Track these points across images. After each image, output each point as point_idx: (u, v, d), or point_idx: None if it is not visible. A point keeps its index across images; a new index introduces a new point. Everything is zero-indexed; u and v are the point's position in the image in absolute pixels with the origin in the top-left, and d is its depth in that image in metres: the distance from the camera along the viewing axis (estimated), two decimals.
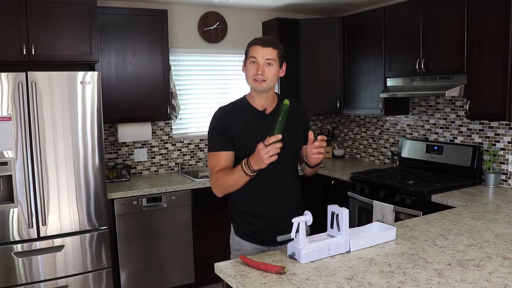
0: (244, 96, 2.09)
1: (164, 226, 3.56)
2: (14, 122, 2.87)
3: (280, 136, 1.76)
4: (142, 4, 3.87)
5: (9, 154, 2.88)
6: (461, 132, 3.51)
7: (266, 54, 1.93)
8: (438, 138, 3.71)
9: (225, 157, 1.98)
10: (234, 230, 2.13)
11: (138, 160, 4.06)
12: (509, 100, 2.81)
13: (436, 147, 3.59)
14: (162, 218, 3.55)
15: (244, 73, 2.02)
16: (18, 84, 2.86)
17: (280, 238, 1.75)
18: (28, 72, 2.89)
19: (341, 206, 1.81)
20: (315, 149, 1.84)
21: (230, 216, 2.16)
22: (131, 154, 4.04)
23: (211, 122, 2.05)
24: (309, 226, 1.91)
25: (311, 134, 1.86)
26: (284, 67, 2.02)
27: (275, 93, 2.10)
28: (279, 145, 1.76)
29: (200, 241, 3.69)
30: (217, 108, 2.07)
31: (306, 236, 1.77)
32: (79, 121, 3.06)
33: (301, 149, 2.12)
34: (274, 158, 1.77)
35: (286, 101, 1.81)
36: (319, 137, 1.85)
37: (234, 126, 1.98)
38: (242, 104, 2.05)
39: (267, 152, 1.75)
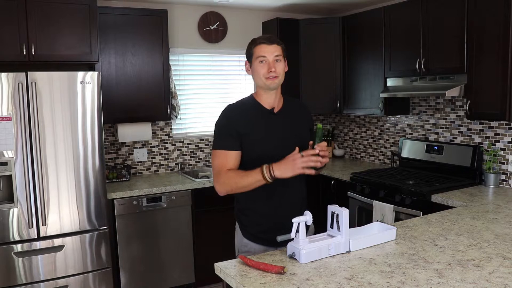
0: (252, 95, 2.08)
1: (164, 226, 3.56)
2: (14, 122, 2.87)
3: (317, 151, 1.80)
4: (142, 4, 3.87)
5: (9, 154, 2.88)
6: (461, 132, 3.51)
7: (274, 51, 1.95)
8: (438, 138, 3.71)
9: (234, 156, 1.96)
10: (241, 232, 2.11)
11: (138, 160, 4.06)
12: (509, 100, 2.81)
13: (436, 147, 3.59)
14: (162, 218, 3.55)
15: (250, 75, 2.03)
16: (18, 84, 2.86)
17: (280, 238, 1.75)
18: (28, 72, 2.89)
19: (341, 206, 1.82)
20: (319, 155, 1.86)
21: (236, 218, 2.14)
22: (131, 154, 4.04)
23: (219, 120, 2.02)
24: (309, 226, 1.91)
25: (311, 142, 1.87)
26: (286, 62, 2.04)
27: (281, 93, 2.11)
28: (316, 158, 1.79)
29: (200, 241, 3.69)
30: (226, 106, 2.05)
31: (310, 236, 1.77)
32: (79, 121, 3.06)
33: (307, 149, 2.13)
34: (309, 171, 1.79)
35: (320, 125, 1.91)
36: (317, 146, 1.85)
37: (243, 125, 1.96)
38: (250, 103, 2.04)
39: (304, 161, 1.76)
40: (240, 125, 1.96)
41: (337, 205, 1.82)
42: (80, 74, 3.05)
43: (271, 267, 1.64)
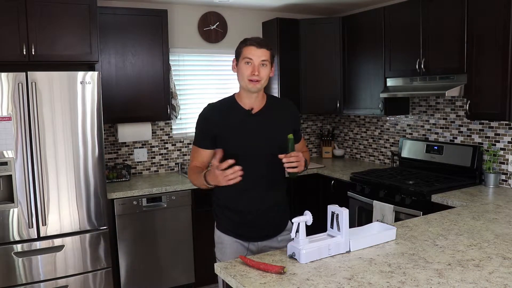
0: (233, 94, 2.12)
1: (164, 226, 3.56)
2: (14, 122, 2.87)
3: (230, 162, 1.83)
4: (142, 4, 3.87)
5: (9, 154, 2.88)
6: (461, 132, 3.51)
7: (261, 55, 1.98)
8: (438, 138, 3.71)
9: (202, 154, 2.09)
10: (216, 224, 2.18)
11: (138, 160, 4.06)
12: (509, 100, 2.81)
13: (436, 147, 3.59)
14: (162, 218, 3.55)
15: (235, 73, 2.07)
16: (18, 84, 2.86)
17: (280, 238, 1.76)
18: (28, 72, 2.89)
19: (341, 206, 1.82)
20: (287, 164, 1.90)
21: (213, 210, 2.20)
22: (131, 154, 4.04)
23: (199, 117, 2.11)
24: (309, 226, 1.92)
25: (281, 156, 1.91)
26: (273, 68, 2.07)
27: (265, 93, 2.13)
28: (238, 169, 1.82)
29: (200, 241, 3.69)
30: (207, 104, 2.12)
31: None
32: (79, 121, 3.06)
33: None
34: (233, 181, 1.84)
35: (291, 136, 1.93)
36: (285, 156, 1.90)
37: (219, 124, 2.03)
38: (229, 103, 2.09)
39: (225, 176, 1.82)
40: (215, 125, 2.03)
41: (337, 205, 1.82)
42: (80, 74, 3.05)
43: (271, 267, 1.65)
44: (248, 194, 2.05)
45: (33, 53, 3.08)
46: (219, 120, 2.04)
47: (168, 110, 3.82)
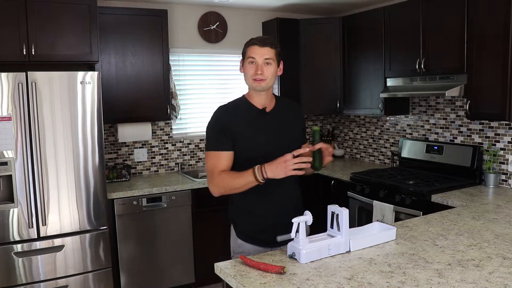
0: (243, 95, 2.10)
1: (164, 226, 3.56)
2: (14, 122, 2.87)
3: (307, 150, 1.82)
4: (142, 4, 3.87)
5: (9, 154, 2.88)
6: (461, 132, 3.51)
7: (264, 54, 1.95)
8: (438, 138, 3.71)
9: (226, 157, 1.97)
10: (235, 233, 2.12)
11: (138, 160, 4.06)
12: (509, 100, 2.81)
13: (436, 147, 3.59)
14: (162, 218, 3.55)
15: (243, 73, 2.04)
16: (18, 84, 2.86)
17: (280, 238, 1.76)
18: (28, 72, 2.89)
19: (341, 206, 1.82)
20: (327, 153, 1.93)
21: (230, 218, 2.15)
22: (131, 154, 4.04)
23: (211, 121, 2.03)
24: (309, 226, 1.92)
25: (307, 144, 1.94)
26: (281, 65, 2.04)
27: (273, 94, 2.12)
28: (307, 159, 1.80)
29: (200, 241, 3.69)
30: (217, 107, 2.06)
31: (306, 236, 1.78)
32: (79, 121, 3.06)
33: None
34: (300, 172, 1.81)
35: (317, 128, 1.93)
36: (318, 145, 1.91)
37: (236, 125, 1.98)
38: (242, 103, 2.06)
39: (294, 163, 1.77)
40: (232, 125, 1.97)
41: (337, 205, 1.82)
42: (80, 74, 3.05)
43: (271, 267, 1.64)
44: (268, 196, 2.01)
45: (33, 53, 3.08)
46: (234, 121, 1.98)
47: (168, 110, 3.82)
